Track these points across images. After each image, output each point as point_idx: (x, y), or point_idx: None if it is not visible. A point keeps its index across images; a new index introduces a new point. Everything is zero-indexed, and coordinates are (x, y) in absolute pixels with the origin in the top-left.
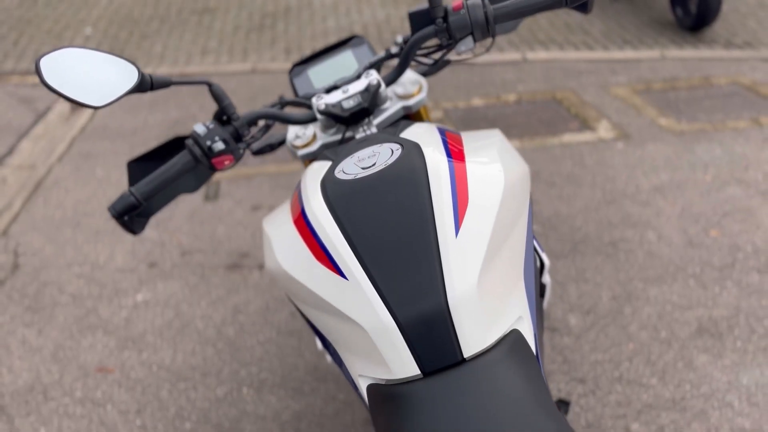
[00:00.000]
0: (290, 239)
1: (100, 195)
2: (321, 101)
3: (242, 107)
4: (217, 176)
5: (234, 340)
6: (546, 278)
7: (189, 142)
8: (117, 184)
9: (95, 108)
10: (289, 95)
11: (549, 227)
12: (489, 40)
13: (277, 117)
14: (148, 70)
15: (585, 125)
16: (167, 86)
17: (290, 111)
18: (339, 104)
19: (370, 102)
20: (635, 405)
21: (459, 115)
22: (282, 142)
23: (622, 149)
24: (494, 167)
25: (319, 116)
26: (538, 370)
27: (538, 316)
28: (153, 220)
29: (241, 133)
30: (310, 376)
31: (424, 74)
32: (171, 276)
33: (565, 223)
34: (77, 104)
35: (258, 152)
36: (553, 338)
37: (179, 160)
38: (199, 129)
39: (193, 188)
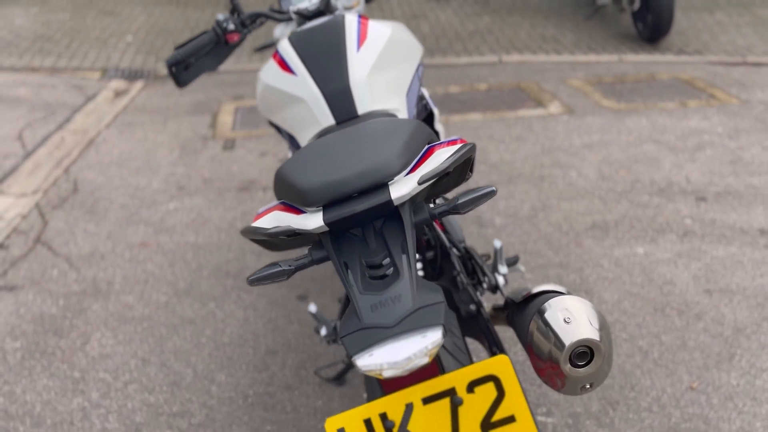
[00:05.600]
0: (270, 66)
1: (140, 148)
2: (294, 7)
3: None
4: (233, 134)
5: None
6: (438, 127)
7: (213, 24)
8: (154, 141)
9: None
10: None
11: (492, 167)
12: None
13: (268, 15)
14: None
15: (539, 104)
16: None
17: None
18: (306, 8)
19: (325, 7)
20: (531, 265)
21: (437, 99)
22: (274, 44)
23: (566, 120)
24: (385, 27)
25: (293, 16)
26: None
27: None
28: (181, 162)
29: (245, 22)
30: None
31: (367, 1)
32: (195, 194)
33: (506, 165)
34: None
35: (259, 49)
36: (480, 230)
37: (207, 35)
38: (220, 17)
39: (214, 66)
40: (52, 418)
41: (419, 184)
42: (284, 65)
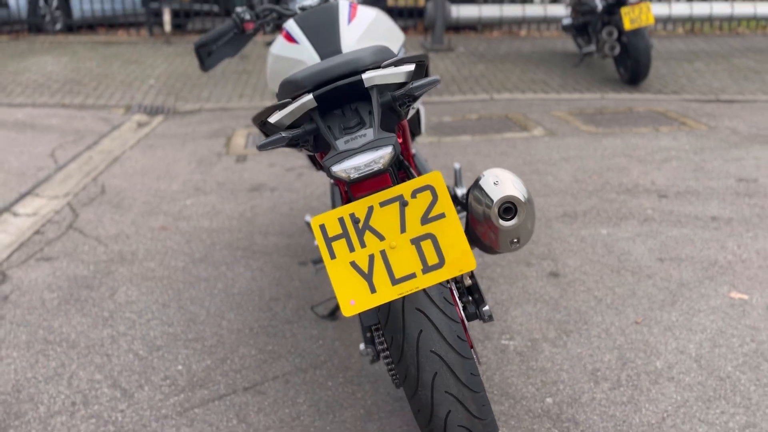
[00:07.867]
0: (278, 41)
1: (161, 162)
2: (299, 4)
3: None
4: (246, 151)
5: (251, 218)
6: (419, 107)
7: (233, 15)
8: (173, 157)
9: None
10: None
11: (477, 174)
12: None
13: (278, 11)
14: (196, 107)
15: (524, 129)
16: None
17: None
18: (309, 5)
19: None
20: None
21: (431, 126)
22: None
23: (547, 141)
24: (371, 10)
25: (298, 11)
26: None
27: None
28: (198, 171)
29: (258, 15)
30: (299, 230)
31: (364, 1)
32: (210, 193)
33: None
34: None
35: (270, 44)
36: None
37: (227, 23)
38: (239, 9)
39: (233, 53)
40: (86, 342)
41: (383, 67)
42: (289, 37)
